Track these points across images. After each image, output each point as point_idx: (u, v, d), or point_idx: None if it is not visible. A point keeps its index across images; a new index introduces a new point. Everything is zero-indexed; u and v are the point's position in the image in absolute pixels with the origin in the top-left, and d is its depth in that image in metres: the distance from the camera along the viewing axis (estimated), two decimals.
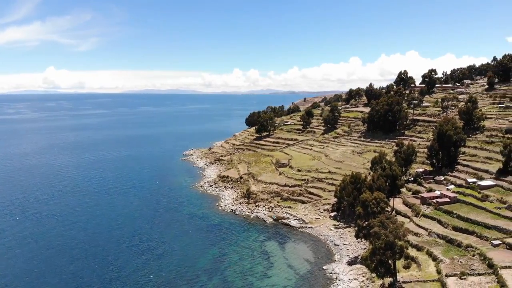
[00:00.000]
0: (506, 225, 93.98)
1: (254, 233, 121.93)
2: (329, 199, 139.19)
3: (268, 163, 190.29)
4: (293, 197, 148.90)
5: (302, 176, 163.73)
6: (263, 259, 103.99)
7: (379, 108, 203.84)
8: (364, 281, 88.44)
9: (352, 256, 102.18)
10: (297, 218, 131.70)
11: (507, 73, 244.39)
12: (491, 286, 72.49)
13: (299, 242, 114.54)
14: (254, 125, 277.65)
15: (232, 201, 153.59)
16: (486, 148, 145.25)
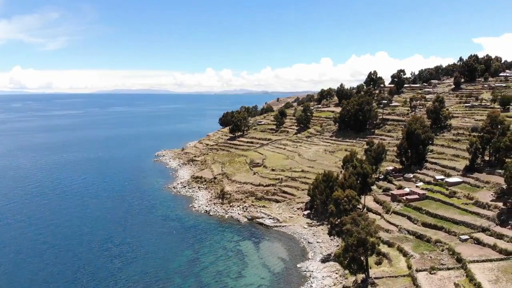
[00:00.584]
0: (473, 220, 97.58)
1: (228, 234, 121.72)
2: (303, 198, 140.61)
3: (242, 163, 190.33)
4: (267, 197, 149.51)
5: (276, 175, 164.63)
6: (238, 259, 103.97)
7: (350, 108, 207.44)
8: (338, 278, 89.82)
9: (325, 254, 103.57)
10: (271, 217, 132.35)
11: (472, 73, 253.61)
12: (460, 280, 75.03)
13: (273, 241, 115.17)
14: (228, 125, 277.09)
15: (206, 202, 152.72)
16: (453, 146, 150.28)
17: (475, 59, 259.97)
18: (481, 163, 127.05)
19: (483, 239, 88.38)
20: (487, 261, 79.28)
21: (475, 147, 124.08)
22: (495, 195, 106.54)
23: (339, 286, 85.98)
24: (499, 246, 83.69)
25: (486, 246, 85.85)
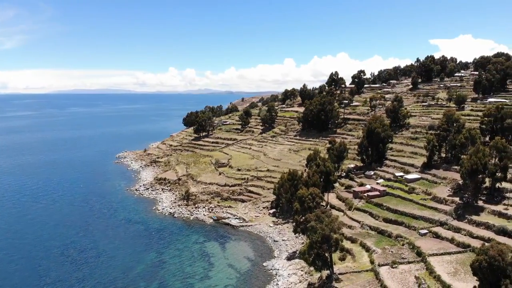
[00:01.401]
0: (431, 215, 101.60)
1: (194, 235, 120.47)
2: (268, 197, 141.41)
3: (208, 164, 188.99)
4: (233, 197, 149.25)
5: (242, 175, 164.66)
6: (203, 261, 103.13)
7: (312, 108, 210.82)
8: (303, 275, 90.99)
9: (291, 251, 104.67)
10: (237, 217, 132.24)
11: (429, 74, 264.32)
12: (420, 273, 77.87)
13: (239, 241, 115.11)
14: (192, 125, 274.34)
15: (170, 203, 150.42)
16: (411, 144, 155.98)
17: (432, 60, 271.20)
18: (438, 160, 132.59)
19: (441, 233, 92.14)
20: (445, 254, 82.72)
21: (432, 145, 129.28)
22: (452, 190, 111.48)
23: (304, 283, 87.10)
24: (456, 240, 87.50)
25: (445, 240, 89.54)
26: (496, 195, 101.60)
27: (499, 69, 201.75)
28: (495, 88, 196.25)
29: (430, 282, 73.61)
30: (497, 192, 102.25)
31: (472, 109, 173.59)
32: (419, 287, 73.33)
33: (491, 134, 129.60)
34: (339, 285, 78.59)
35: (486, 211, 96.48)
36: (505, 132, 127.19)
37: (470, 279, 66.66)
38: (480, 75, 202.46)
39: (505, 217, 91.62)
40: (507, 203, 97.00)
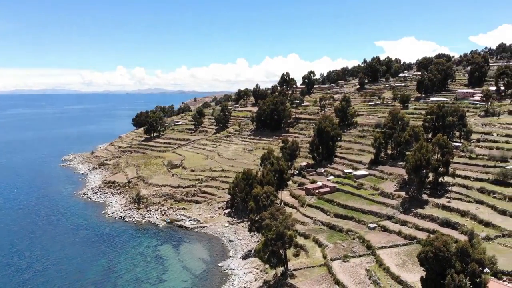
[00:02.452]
0: (379, 209, 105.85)
1: (146, 239, 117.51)
2: (223, 197, 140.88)
3: (160, 165, 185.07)
4: (187, 198, 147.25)
5: (195, 176, 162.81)
6: (157, 264, 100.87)
7: (265, 107, 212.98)
8: (258, 273, 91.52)
9: (246, 250, 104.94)
10: (191, 219, 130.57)
11: (375, 74, 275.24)
12: (370, 266, 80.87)
13: (194, 243, 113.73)
14: (143, 125, 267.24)
15: (121, 207, 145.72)
16: (359, 142, 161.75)
17: (377, 61, 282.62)
18: (385, 157, 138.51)
19: (389, 227, 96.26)
20: (393, 247, 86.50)
21: (379, 142, 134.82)
22: (398, 185, 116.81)
23: (260, 281, 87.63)
24: (403, 232, 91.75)
25: (392, 233, 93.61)
26: (439, 189, 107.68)
27: (440, 69, 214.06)
28: (437, 87, 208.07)
29: (380, 274, 76.64)
30: (440, 186, 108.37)
31: (415, 108, 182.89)
32: (369, 279, 76.12)
33: (434, 131, 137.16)
34: (294, 281, 79.82)
35: (431, 204, 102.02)
36: (446, 129, 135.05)
37: (417, 269, 69.96)
38: (422, 76, 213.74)
39: (448, 210, 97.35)
40: (450, 196, 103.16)
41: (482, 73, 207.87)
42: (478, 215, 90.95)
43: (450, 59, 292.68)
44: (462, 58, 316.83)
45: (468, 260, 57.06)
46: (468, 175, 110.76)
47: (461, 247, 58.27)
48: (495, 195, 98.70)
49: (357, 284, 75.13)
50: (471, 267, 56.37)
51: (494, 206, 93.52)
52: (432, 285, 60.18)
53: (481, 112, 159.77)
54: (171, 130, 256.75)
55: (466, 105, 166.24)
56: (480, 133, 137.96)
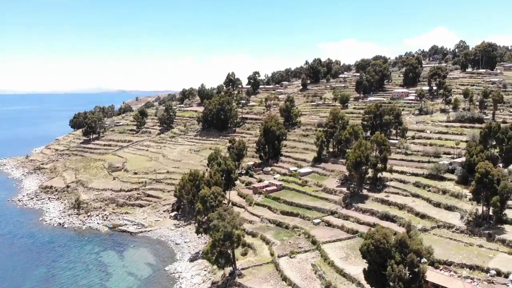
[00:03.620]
0: (323, 205, 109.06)
1: (88, 245, 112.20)
2: (169, 199, 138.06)
3: (100, 168, 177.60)
4: (130, 202, 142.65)
5: (139, 178, 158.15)
6: (100, 271, 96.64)
7: (212, 107, 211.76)
8: (206, 274, 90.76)
9: (193, 253, 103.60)
10: (135, 223, 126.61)
11: (317, 75, 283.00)
12: (316, 261, 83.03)
13: (139, 247, 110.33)
14: (81, 127, 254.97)
15: (59, 213, 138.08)
16: (303, 141, 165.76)
17: (319, 62, 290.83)
18: (327, 154, 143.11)
19: (332, 221, 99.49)
20: (337, 241, 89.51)
21: (321, 141, 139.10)
22: (340, 181, 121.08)
23: (208, 283, 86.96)
24: (346, 226, 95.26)
25: (336, 227, 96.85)
26: (378, 184, 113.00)
27: (378, 70, 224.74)
28: (374, 88, 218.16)
29: (325, 268, 78.96)
30: (379, 181, 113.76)
31: (354, 107, 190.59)
32: (315, 274, 78.20)
33: (372, 129, 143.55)
34: (242, 280, 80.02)
35: (370, 199, 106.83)
36: (383, 127, 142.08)
37: (360, 262, 72.86)
38: (361, 76, 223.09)
39: (386, 204, 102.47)
40: (388, 191, 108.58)
41: (416, 74, 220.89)
42: (414, 208, 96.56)
43: (386, 60, 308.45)
44: (397, 60, 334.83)
45: (407, 251, 60.37)
46: (404, 171, 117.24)
47: (400, 239, 61.52)
48: (429, 188, 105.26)
49: (303, 279, 76.83)
50: (409, 257, 59.66)
51: (429, 199, 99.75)
52: (374, 276, 62.98)
53: (415, 110, 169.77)
54: (111, 131, 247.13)
55: (401, 104, 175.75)
56: (415, 131, 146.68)
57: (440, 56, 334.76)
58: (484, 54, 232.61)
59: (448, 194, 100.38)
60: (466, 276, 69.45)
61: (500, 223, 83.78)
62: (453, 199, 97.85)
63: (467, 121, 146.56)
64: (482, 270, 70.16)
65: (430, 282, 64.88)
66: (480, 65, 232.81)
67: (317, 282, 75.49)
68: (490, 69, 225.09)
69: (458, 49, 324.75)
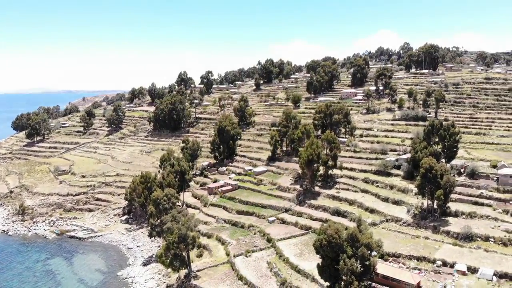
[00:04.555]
0: (277, 203, 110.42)
1: (34, 253, 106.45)
2: (120, 203, 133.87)
3: (45, 172, 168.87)
4: (78, 207, 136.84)
5: (87, 182, 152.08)
6: (48, 279, 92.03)
7: (163, 107, 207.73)
8: (161, 278, 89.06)
9: (147, 257, 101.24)
10: (85, 228, 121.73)
11: (269, 76, 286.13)
12: (271, 258, 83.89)
13: (89, 253, 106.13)
14: (24, 129, 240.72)
15: (3, 220, 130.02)
16: (257, 140, 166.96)
17: (271, 63, 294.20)
18: (281, 153, 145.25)
19: (287, 219, 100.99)
20: (291, 238, 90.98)
21: (275, 140, 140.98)
22: (293, 179, 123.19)
23: (162, 286, 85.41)
24: (300, 223, 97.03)
25: (290, 224, 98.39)
26: (330, 181, 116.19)
27: (327, 71, 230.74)
28: (324, 88, 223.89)
29: (280, 266, 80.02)
30: (330, 178, 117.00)
31: (306, 107, 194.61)
32: (271, 271, 79.04)
33: (323, 128, 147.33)
34: (198, 281, 79.29)
35: (322, 196, 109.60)
36: (333, 126, 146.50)
37: (313, 257, 74.50)
38: (311, 77, 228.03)
39: (338, 200, 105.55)
40: (339, 187, 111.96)
41: (364, 75, 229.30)
42: (364, 203, 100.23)
43: (335, 61, 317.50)
44: (346, 61, 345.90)
45: (358, 245, 62.58)
46: (353, 167, 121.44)
47: (351, 233, 63.63)
48: (377, 184, 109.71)
49: (259, 277, 77.42)
50: (360, 251, 61.90)
51: (377, 194, 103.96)
52: (327, 271, 64.70)
53: (363, 110, 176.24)
54: (57, 133, 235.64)
55: (350, 104, 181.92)
56: (363, 129, 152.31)
57: (386, 57, 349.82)
58: (427, 55, 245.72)
59: (395, 189, 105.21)
60: (414, 267, 73.12)
61: (444, 215, 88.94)
62: (400, 193, 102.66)
63: (411, 119, 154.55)
64: (428, 261, 74.15)
65: (380, 274, 67.70)
66: (423, 65, 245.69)
67: (273, 279, 76.35)
68: (433, 69, 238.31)
69: (403, 51, 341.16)
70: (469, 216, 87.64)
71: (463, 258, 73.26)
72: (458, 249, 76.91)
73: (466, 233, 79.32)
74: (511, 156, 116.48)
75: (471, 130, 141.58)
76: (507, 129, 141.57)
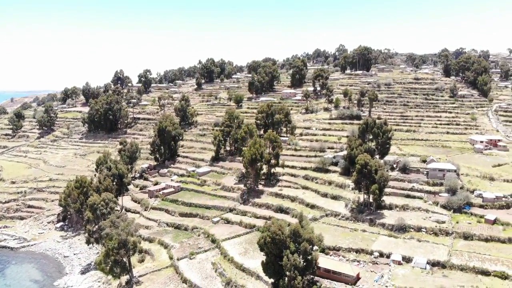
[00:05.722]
0: (221, 203, 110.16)
1: None
2: (53, 210, 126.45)
3: None
4: (8, 215, 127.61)
5: (17, 188, 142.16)
6: None
7: (99, 107, 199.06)
8: (101, 286, 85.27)
9: (85, 264, 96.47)
10: (16, 237, 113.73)
11: (211, 75, 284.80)
12: (216, 259, 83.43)
13: (22, 264, 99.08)
14: None
15: None
16: (200, 140, 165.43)
17: (212, 62, 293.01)
18: (224, 153, 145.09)
19: (231, 218, 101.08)
20: (236, 237, 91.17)
21: (218, 140, 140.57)
22: (237, 179, 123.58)
23: None
24: (244, 222, 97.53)
25: (235, 224, 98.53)
26: (272, 179, 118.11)
27: (268, 72, 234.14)
28: (266, 88, 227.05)
29: (225, 265, 79.92)
30: (273, 176, 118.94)
31: (248, 107, 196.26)
32: (216, 272, 78.70)
33: (265, 128, 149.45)
34: (140, 287, 77.04)
35: (266, 194, 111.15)
36: (275, 126, 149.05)
37: (258, 255, 75.12)
38: (253, 77, 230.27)
39: (280, 197, 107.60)
40: (281, 185, 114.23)
41: (302, 76, 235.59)
42: (305, 199, 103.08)
43: (275, 62, 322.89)
44: (285, 62, 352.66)
45: (300, 240, 64.23)
46: (295, 165, 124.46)
47: (293, 229, 65.19)
48: (317, 180, 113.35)
49: (204, 279, 76.82)
50: (303, 246, 63.58)
51: (317, 190, 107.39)
52: (271, 267, 65.74)
53: (302, 109, 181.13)
54: None
55: (290, 104, 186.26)
56: (303, 128, 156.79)
57: (323, 59, 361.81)
58: (360, 57, 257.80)
59: (333, 184, 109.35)
60: (353, 260, 76.39)
61: (380, 208, 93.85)
62: (338, 189, 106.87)
63: (347, 118, 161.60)
64: (366, 252, 77.82)
65: (322, 267, 69.98)
66: (358, 67, 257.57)
67: (218, 280, 76.10)
68: (366, 70, 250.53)
69: (338, 52, 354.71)
70: (403, 208, 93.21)
71: (398, 248, 77.77)
72: (393, 240, 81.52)
73: (400, 225, 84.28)
74: (439, 151, 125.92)
75: (402, 128, 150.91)
76: (435, 126, 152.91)
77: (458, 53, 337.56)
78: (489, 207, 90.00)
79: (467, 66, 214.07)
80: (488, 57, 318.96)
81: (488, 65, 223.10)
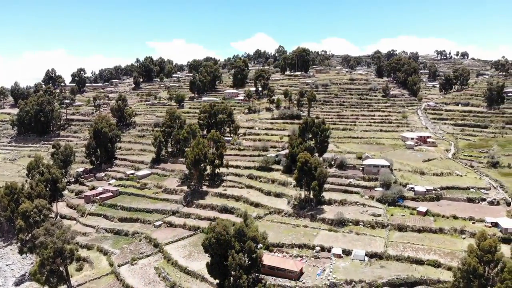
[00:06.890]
0: (164, 206, 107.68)
1: None
2: None
3: None
4: None
5: None
6: None
7: (29, 108, 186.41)
8: None
9: (19, 276, 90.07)
10: None
11: (149, 74, 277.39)
12: (159, 263, 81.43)
13: None
14: None
15: None
16: (139, 142, 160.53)
17: (151, 61, 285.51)
18: (166, 154, 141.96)
19: (174, 221, 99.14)
20: (179, 240, 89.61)
21: (159, 141, 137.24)
22: (180, 180, 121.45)
23: None
24: (188, 224, 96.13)
25: (178, 227, 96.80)
26: (217, 179, 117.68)
27: (209, 71, 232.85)
28: (208, 88, 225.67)
29: (168, 270, 78.25)
30: (217, 176, 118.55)
31: (190, 107, 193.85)
32: (159, 276, 76.82)
33: (208, 128, 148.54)
34: None
35: (210, 194, 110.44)
36: (218, 126, 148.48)
37: (203, 257, 74.63)
38: (194, 77, 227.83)
39: (225, 197, 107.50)
40: (226, 185, 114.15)
41: (244, 76, 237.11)
42: (249, 198, 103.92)
43: (216, 62, 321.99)
44: (227, 62, 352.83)
45: (245, 239, 64.59)
46: (239, 165, 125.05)
47: (238, 228, 65.42)
48: (261, 179, 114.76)
49: (147, 284, 74.80)
50: (247, 245, 63.98)
51: (261, 189, 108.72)
52: (216, 268, 65.45)
53: (245, 109, 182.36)
54: None
55: (232, 104, 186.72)
56: (246, 128, 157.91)
57: (263, 60, 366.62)
58: (299, 59, 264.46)
59: (276, 182, 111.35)
60: (297, 255, 78.26)
61: (320, 204, 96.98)
62: (281, 187, 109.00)
63: (288, 118, 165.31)
64: (309, 247, 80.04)
65: (266, 265, 70.94)
66: (296, 68, 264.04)
67: (162, 284, 74.42)
68: (305, 71, 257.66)
69: (278, 54, 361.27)
70: (341, 203, 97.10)
71: (338, 242, 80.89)
72: (333, 234, 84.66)
73: (339, 219, 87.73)
74: (373, 148, 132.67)
75: (338, 126, 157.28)
76: (369, 124, 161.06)
77: (390, 55, 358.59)
78: (421, 200, 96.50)
79: (398, 67, 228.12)
80: (417, 58, 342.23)
81: (417, 66, 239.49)
